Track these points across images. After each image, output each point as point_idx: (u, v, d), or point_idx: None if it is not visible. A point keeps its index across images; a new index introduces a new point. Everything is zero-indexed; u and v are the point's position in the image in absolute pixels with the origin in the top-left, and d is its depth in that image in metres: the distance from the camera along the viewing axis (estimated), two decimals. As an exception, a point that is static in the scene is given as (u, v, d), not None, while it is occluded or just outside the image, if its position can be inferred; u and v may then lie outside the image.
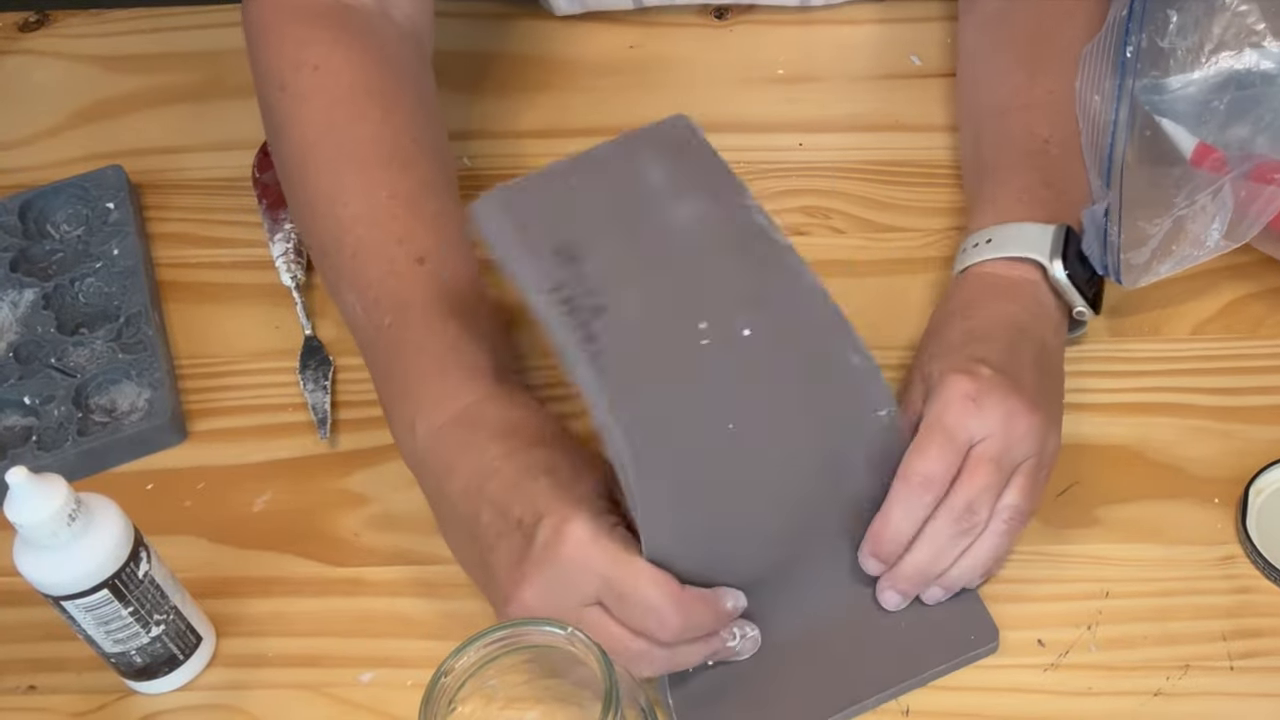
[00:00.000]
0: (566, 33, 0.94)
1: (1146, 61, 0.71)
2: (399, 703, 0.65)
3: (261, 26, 0.75)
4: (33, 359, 0.77)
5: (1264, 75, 0.71)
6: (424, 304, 0.66)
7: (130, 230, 0.82)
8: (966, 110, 0.82)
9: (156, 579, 0.62)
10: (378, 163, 0.70)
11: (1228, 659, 0.64)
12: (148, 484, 0.74)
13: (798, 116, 0.88)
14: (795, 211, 0.83)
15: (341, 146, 0.70)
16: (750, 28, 0.93)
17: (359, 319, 0.68)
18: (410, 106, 0.73)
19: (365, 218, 0.68)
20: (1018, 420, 0.61)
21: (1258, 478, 0.68)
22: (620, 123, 0.88)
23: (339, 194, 0.69)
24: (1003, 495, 0.62)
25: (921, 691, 0.64)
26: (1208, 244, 0.70)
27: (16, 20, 0.98)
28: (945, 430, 0.61)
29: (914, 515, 0.61)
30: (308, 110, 0.71)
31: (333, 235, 0.69)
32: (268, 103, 0.74)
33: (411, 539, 0.70)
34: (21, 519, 0.57)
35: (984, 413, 0.61)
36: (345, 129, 0.71)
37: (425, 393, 0.64)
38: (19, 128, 0.92)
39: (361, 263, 0.68)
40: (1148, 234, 0.69)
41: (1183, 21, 0.72)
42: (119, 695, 0.66)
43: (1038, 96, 0.75)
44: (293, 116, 0.71)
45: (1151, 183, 0.70)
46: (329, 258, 0.69)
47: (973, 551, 0.62)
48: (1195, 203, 0.70)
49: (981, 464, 0.61)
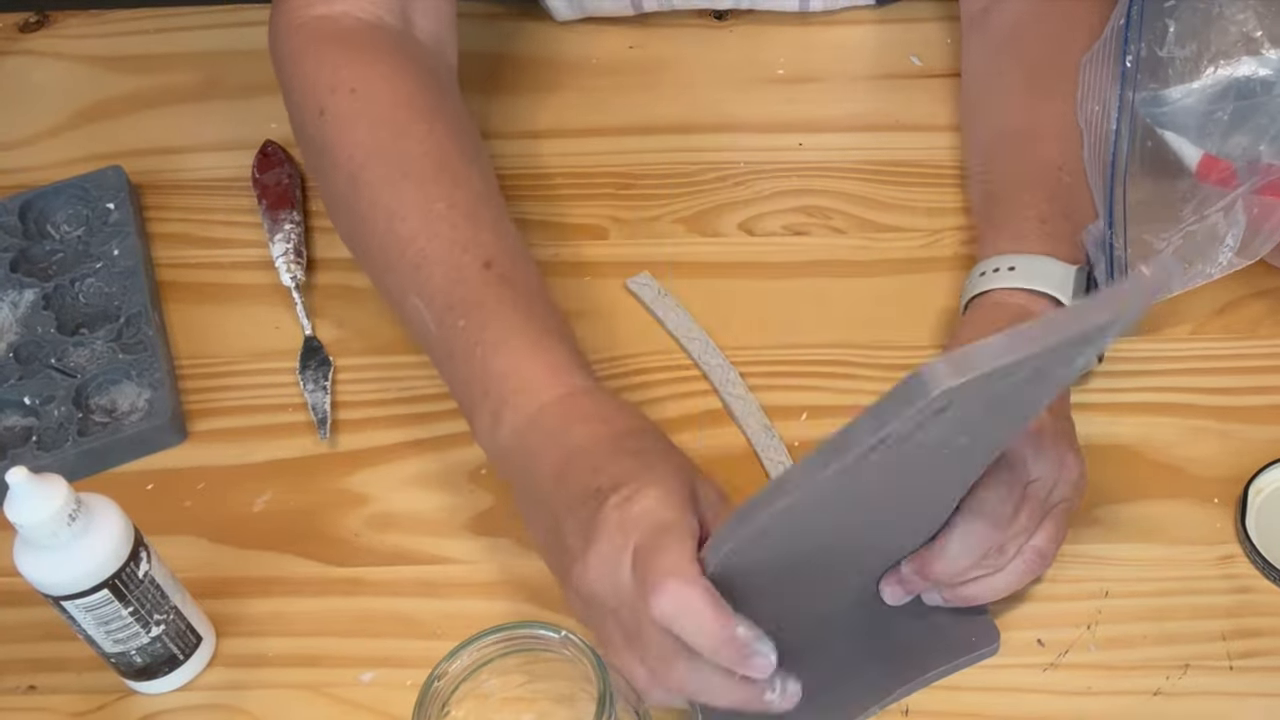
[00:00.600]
0: (567, 34, 0.94)
1: (1146, 72, 0.71)
2: (399, 703, 0.65)
3: (292, 55, 0.75)
4: (33, 359, 0.77)
5: (1263, 82, 0.71)
6: (497, 305, 0.66)
7: (130, 230, 0.82)
8: (976, 130, 0.81)
9: (156, 579, 0.62)
10: (430, 176, 0.70)
11: (1227, 659, 0.64)
12: (148, 484, 0.74)
13: (797, 116, 0.88)
14: (795, 211, 0.83)
15: (391, 164, 0.70)
16: (750, 28, 0.93)
17: (428, 326, 0.68)
18: (449, 118, 0.73)
19: (425, 230, 0.68)
20: (1069, 466, 0.62)
21: (1257, 477, 0.68)
22: (620, 123, 0.89)
23: (396, 209, 0.69)
24: (1033, 536, 0.62)
25: (921, 691, 0.64)
26: (1220, 261, 0.69)
27: (16, 20, 0.98)
28: (1012, 469, 0.60)
29: (972, 551, 0.60)
30: (351, 133, 0.71)
31: (395, 250, 0.69)
32: (306, 131, 0.74)
33: (411, 539, 0.70)
34: (21, 519, 0.57)
35: (1042, 455, 0.61)
36: (392, 146, 0.71)
37: (510, 387, 0.64)
38: (19, 128, 0.92)
39: (427, 273, 0.68)
40: (1155, 249, 0.69)
41: (1180, 31, 0.71)
42: (119, 695, 0.66)
43: (1050, 121, 0.74)
44: (337, 140, 0.72)
45: (1156, 195, 0.70)
46: (392, 272, 0.70)
47: (988, 581, 0.62)
48: (1205, 219, 0.69)
49: (1027, 504, 0.61)
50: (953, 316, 0.76)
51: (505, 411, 0.63)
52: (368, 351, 0.78)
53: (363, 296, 0.80)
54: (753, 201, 0.84)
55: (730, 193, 0.84)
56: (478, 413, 0.65)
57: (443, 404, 0.75)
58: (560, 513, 0.59)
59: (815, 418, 0.74)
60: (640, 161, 0.86)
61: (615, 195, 0.85)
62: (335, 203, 0.74)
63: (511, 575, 0.69)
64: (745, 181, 0.85)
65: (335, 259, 0.82)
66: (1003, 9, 0.82)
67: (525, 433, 0.63)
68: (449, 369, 0.68)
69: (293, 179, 0.85)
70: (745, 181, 0.85)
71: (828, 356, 0.76)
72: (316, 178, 0.75)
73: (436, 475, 0.73)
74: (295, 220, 0.83)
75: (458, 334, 0.66)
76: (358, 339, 0.79)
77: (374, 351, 0.78)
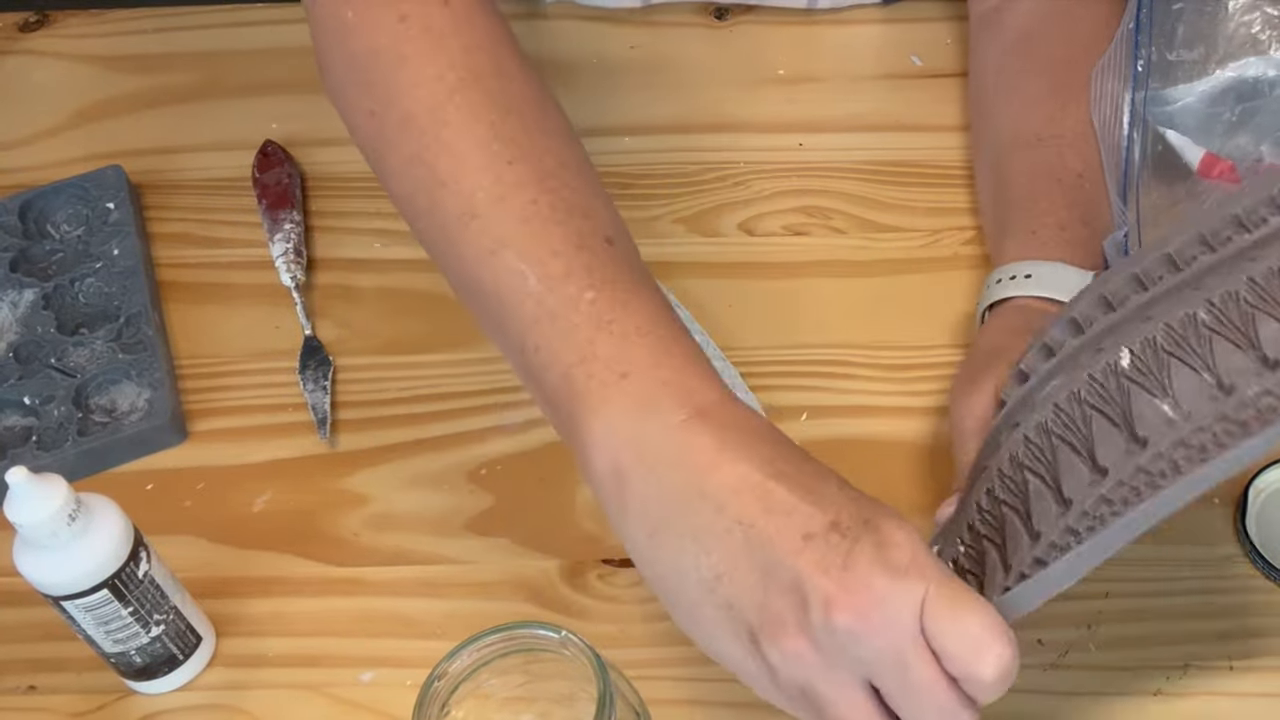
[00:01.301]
0: (567, 34, 0.94)
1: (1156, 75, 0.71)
2: (399, 703, 0.65)
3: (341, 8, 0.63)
4: (33, 359, 0.77)
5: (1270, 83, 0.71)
6: (631, 287, 0.57)
7: (130, 230, 0.82)
8: (990, 132, 0.79)
9: (156, 579, 0.62)
10: (535, 122, 0.60)
11: (1227, 659, 0.64)
12: (148, 484, 0.74)
13: (798, 116, 0.88)
14: (795, 211, 0.83)
15: (493, 96, 0.60)
16: (750, 28, 0.93)
17: (529, 289, 0.57)
18: (530, 65, 0.64)
19: (533, 182, 0.58)
20: None
21: (1257, 478, 0.68)
22: (620, 123, 0.89)
23: (501, 150, 0.59)
24: None
25: (921, 691, 0.64)
26: None
27: (16, 20, 0.98)
28: None
29: None
30: (443, 49, 0.60)
31: (489, 194, 0.58)
32: (378, 39, 0.62)
33: (411, 539, 0.70)
34: (21, 519, 0.57)
35: None
36: (494, 77, 0.61)
37: (658, 378, 0.54)
38: (19, 128, 0.92)
39: (536, 229, 0.57)
40: None
41: (1188, 33, 0.72)
42: (119, 695, 0.66)
43: (1070, 127, 0.74)
44: (423, 54, 0.60)
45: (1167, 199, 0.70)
46: (479, 219, 0.58)
47: None
48: None
49: None
50: (953, 316, 0.76)
51: (654, 409, 0.53)
52: (368, 351, 0.78)
53: (363, 296, 0.80)
54: (753, 201, 0.84)
55: (730, 193, 0.84)
56: (600, 401, 0.54)
57: (443, 404, 0.75)
58: (779, 545, 0.50)
59: (815, 418, 0.74)
60: (640, 161, 0.86)
61: (615, 195, 0.84)
62: (401, 128, 0.61)
63: (511, 575, 0.69)
64: (745, 181, 0.85)
65: (335, 259, 0.82)
66: (1015, 8, 0.81)
67: (684, 437, 0.53)
68: (556, 343, 0.57)
69: (292, 179, 0.85)
70: (745, 181, 0.85)
71: (828, 356, 0.76)
72: (374, 99, 0.62)
73: (436, 475, 0.73)
74: (295, 220, 0.83)
75: (581, 307, 0.56)
76: (358, 339, 0.79)
77: (374, 351, 0.78)
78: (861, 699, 0.50)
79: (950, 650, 0.48)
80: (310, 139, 0.88)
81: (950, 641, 0.48)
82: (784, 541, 0.50)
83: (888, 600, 0.48)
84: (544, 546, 0.70)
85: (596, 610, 0.67)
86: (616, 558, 0.69)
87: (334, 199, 0.85)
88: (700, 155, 0.86)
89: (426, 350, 0.78)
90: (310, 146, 0.88)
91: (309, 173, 0.87)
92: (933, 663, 0.49)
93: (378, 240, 0.83)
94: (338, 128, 0.64)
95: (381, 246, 0.83)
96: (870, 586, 0.48)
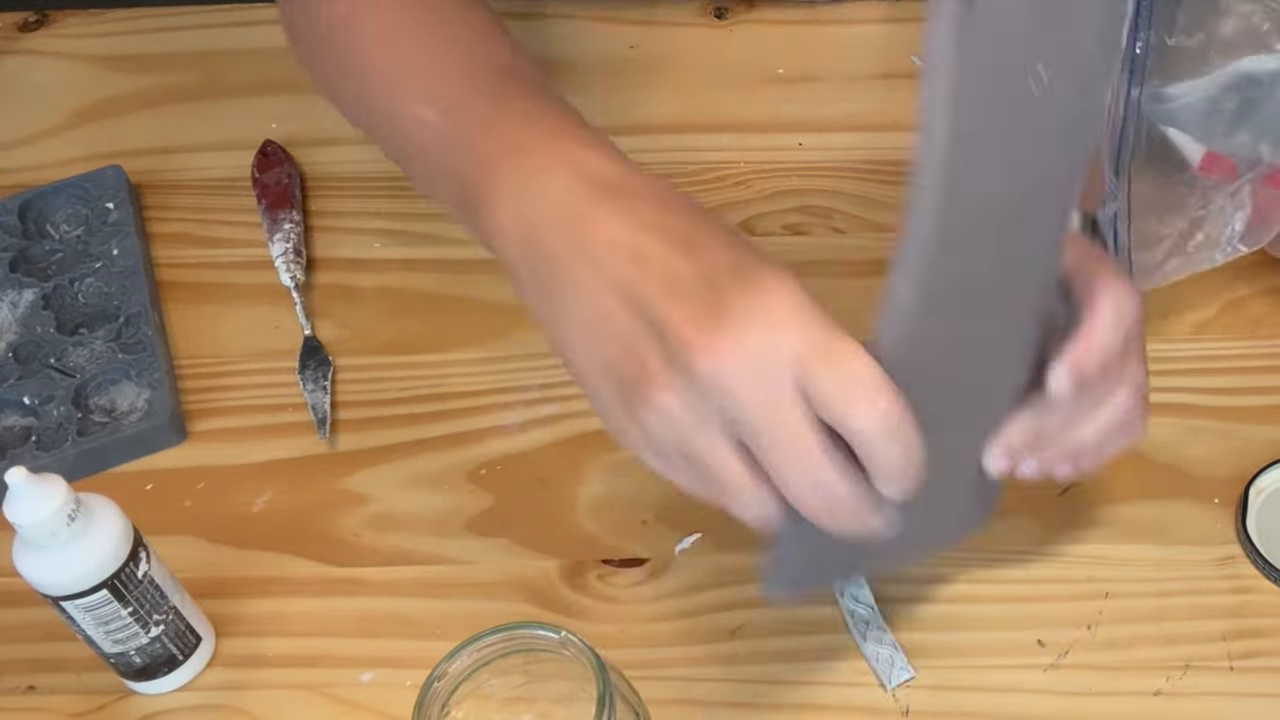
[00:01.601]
0: (566, 33, 0.94)
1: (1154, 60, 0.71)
2: (399, 703, 0.64)
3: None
4: (32, 359, 0.77)
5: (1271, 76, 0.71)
6: (521, 93, 0.59)
7: (130, 230, 0.82)
8: None
9: (156, 579, 0.62)
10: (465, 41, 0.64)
11: (1228, 659, 0.64)
12: (147, 484, 0.74)
13: (797, 116, 0.88)
14: (795, 211, 0.83)
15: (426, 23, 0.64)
16: (750, 28, 0.93)
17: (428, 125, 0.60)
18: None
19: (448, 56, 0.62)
20: (1138, 299, 0.56)
21: (1257, 478, 0.68)
22: (620, 123, 0.88)
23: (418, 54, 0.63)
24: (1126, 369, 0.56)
25: (921, 691, 0.63)
26: (1225, 247, 0.69)
27: (16, 20, 0.98)
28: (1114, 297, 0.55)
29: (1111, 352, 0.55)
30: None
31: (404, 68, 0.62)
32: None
33: (411, 539, 0.70)
34: (21, 519, 0.57)
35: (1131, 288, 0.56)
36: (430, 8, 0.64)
37: (549, 152, 0.55)
38: (19, 128, 0.92)
39: (443, 78, 0.61)
40: (1161, 234, 0.69)
41: (1188, 20, 0.72)
42: (118, 695, 0.66)
43: None
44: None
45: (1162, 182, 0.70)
46: (400, 90, 0.62)
47: (1094, 424, 0.57)
48: (1212, 202, 0.69)
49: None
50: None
51: (533, 183, 0.54)
52: (368, 351, 0.78)
53: (362, 296, 0.80)
54: (753, 201, 0.84)
55: (730, 193, 0.84)
56: (488, 189, 0.56)
57: (442, 404, 0.75)
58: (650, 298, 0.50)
59: (815, 418, 0.74)
60: (640, 161, 0.85)
61: (615, 195, 0.85)
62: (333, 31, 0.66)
63: (511, 575, 0.69)
64: (745, 181, 0.85)
65: (335, 259, 0.82)
66: None
67: (565, 201, 0.53)
68: (451, 154, 0.59)
69: (292, 179, 0.85)
70: (745, 181, 0.85)
71: (828, 356, 0.76)
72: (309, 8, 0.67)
73: (436, 475, 0.73)
74: (295, 220, 0.83)
75: (473, 119, 0.59)
76: (358, 339, 0.79)
77: (374, 351, 0.78)
78: (734, 460, 0.49)
79: (823, 393, 0.47)
80: (310, 139, 0.88)
81: (824, 384, 0.47)
82: (652, 292, 0.49)
83: (755, 349, 0.47)
84: (544, 547, 0.70)
85: (596, 610, 0.67)
86: (616, 558, 0.69)
87: (334, 199, 0.85)
88: (700, 155, 0.86)
89: (426, 350, 0.78)
90: (310, 146, 0.88)
91: (308, 173, 0.87)
92: (804, 417, 0.47)
93: (377, 240, 0.83)
94: (337, 128, 0.64)
95: (381, 246, 0.83)
96: (736, 335, 0.47)
